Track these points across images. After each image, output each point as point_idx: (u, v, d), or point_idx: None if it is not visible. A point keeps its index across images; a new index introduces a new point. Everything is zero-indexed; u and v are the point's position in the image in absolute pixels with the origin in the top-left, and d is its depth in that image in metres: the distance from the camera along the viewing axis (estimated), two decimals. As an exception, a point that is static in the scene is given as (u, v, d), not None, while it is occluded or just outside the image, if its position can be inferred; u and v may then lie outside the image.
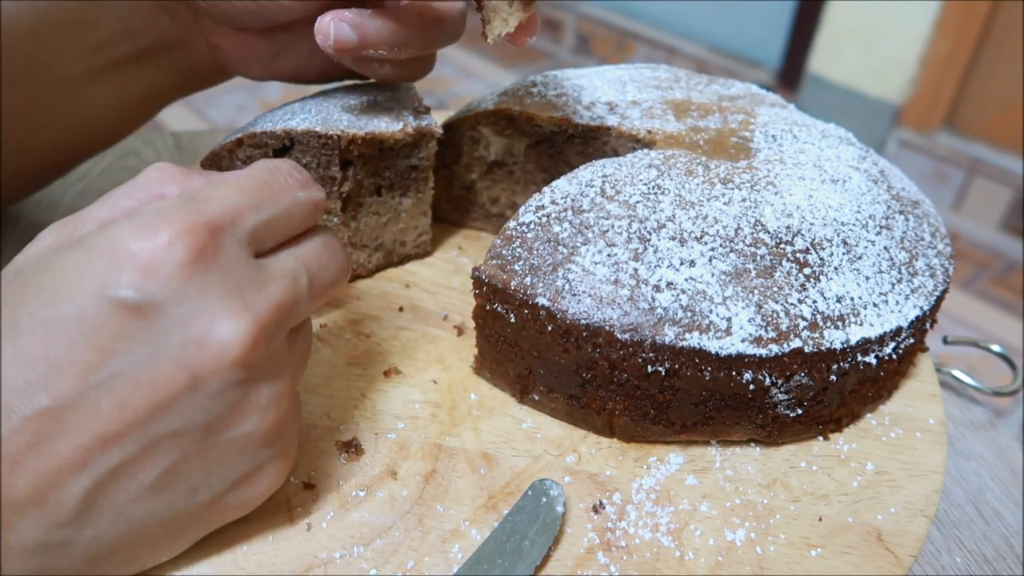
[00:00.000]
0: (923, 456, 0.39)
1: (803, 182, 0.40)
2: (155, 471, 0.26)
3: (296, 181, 0.30)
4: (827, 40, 1.95)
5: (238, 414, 0.28)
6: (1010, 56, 1.71)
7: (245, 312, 0.26)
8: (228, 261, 0.27)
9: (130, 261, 0.25)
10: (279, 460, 0.31)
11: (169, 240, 0.25)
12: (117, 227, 0.26)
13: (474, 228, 0.54)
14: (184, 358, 0.25)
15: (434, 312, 0.46)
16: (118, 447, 0.25)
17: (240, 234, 0.28)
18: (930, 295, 0.39)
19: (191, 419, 0.26)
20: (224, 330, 0.26)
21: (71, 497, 0.24)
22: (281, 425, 0.30)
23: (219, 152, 0.43)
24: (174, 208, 0.26)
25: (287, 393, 0.30)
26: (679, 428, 0.37)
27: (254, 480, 0.30)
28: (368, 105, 0.45)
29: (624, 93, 0.48)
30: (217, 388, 0.26)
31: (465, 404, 0.40)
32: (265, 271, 0.28)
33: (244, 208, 0.28)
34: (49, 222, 0.29)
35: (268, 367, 0.28)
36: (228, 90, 2.02)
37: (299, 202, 0.30)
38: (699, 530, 0.34)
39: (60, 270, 0.25)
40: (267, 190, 0.29)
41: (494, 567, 0.31)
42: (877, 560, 0.34)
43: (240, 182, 0.29)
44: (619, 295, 0.35)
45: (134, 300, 0.25)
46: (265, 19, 0.43)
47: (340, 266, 0.32)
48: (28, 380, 0.24)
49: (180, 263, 0.25)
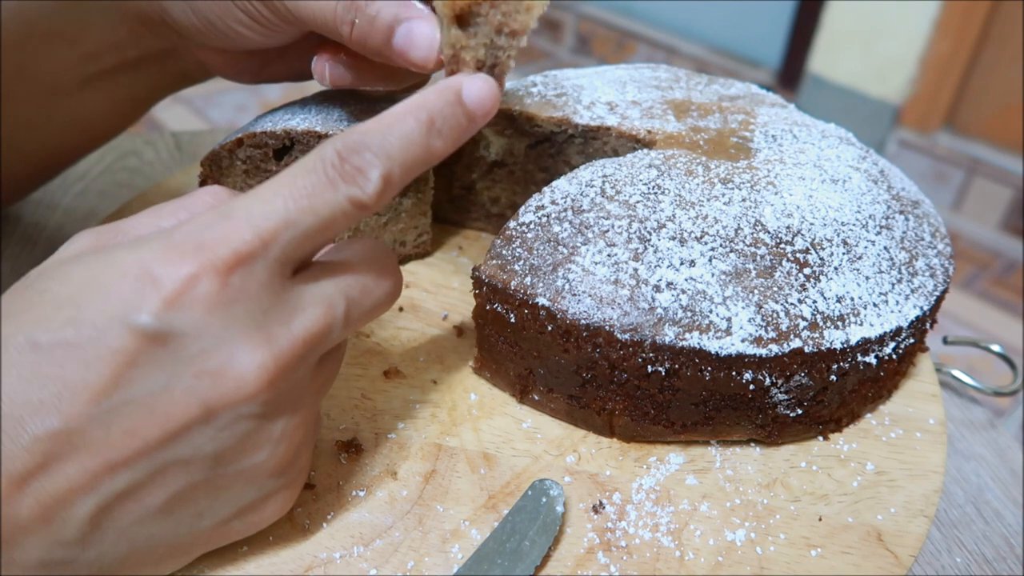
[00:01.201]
0: (923, 456, 0.39)
1: (803, 182, 0.40)
2: (161, 496, 0.26)
3: (340, 174, 0.27)
4: (827, 40, 1.95)
5: (249, 446, 0.27)
6: (1010, 56, 1.71)
7: (267, 346, 0.26)
8: (256, 289, 0.26)
9: (154, 288, 0.24)
10: (288, 490, 0.30)
11: (195, 272, 0.24)
12: (146, 246, 0.25)
13: (474, 228, 0.54)
14: (199, 390, 0.25)
15: (434, 312, 0.46)
16: (126, 472, 0.25)
17: (272, 256, 0.26)
18: (930, 295, 0.39)
19: (201, 449, 0.26)
20: (242, 365, 0.25)
21: (76, 518, 0.24)
22: (293, 457, 0.29)
23: (219, 152, 0.43)
24: (204, 230, 0.25)
25: (303, 424, 0.29)
26: (679, 428, 0.37)
27: (260, 508, 0.30)
28: (368, 105, 0.45)
29: (624, 93, 0.48)
30: (229, 421, 0.26)
31: (465, 404, 0.40)
32: (297, 297, 0.27)
33: (277, 227, 0.26)
34: (49, 222, 0.29)
35: (285, 401, 0.27)
36: (228, 90, 2.03)
37: (340, 205, 0.27)
38: (699, 530, 0.34)
39: (84, 285, 0.25)
40: (305, 199, 0.26)
41: (494, 567, 0.31)
42: (877, 560, 0.34)
43: (278, 190, 0.26)
44: (619, 295, 0.35)
45: (154, 328, 0.24)
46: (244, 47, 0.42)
47: (386, 290, 0.30)
48: (42, 399, 0.23)
49: (206, 297, 0.24)
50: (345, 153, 0.27)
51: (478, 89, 0.30)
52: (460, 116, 0.29)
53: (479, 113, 0.30)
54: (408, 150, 0.28)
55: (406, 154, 0.28)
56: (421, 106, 0.29)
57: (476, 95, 0.30)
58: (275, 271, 0.26)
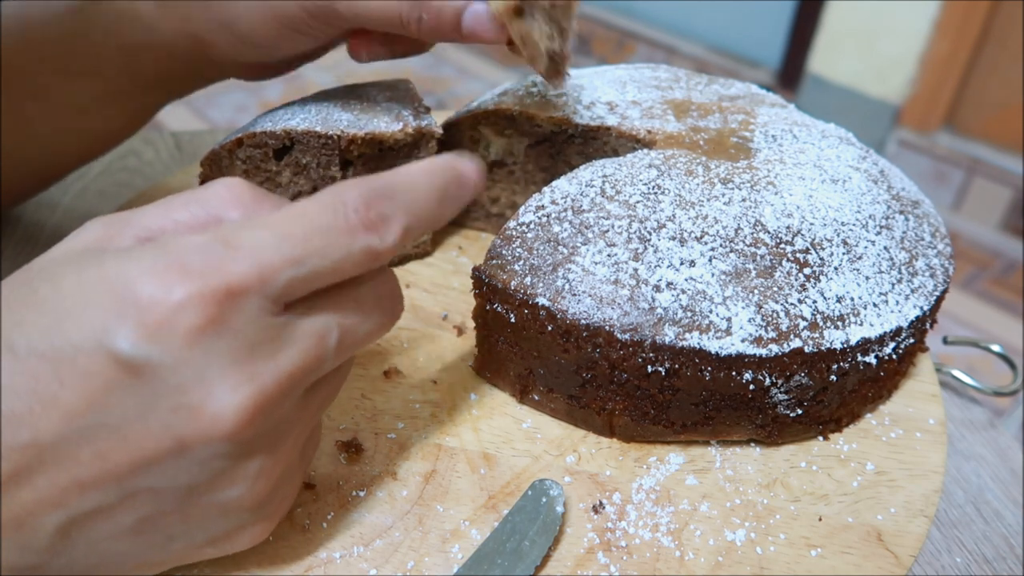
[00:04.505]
0: (923, 456, 0.39)
1: (803, 182, 0.40)
2: (132, 518, 0.25)
3: (362, 221, 0.26)
4: (827, 40, 1.94)
5: (223, 481, 0.26)
6: (1010, 56, 1.71)
7: (248, 385, 0.24)
8: (244, 324, 0.24)
9: (135, 313, 0.23)
10: (264, 522, 0.29)
11: (182, 301, 0.23)
12: (135, 262, 0.24)
13: (474, 228, 0.54)
14: (173, 424, 0.24)
15: (434, 312, 0.46)
16: (95, 493, 0.24)
17: (268, 292, 0.24)
18: (930, 295, 0.39)
19: (172, 480, 0.25)
20: (220, 404, 0.24)
21: (46, 529, 0.24)
22: (270, 493, 0.28)
23: (219, 152, 0.43)
24: (200, 255, 0.24)
25: (284, 458, 0.28)
26: (679, 428, 0.37)
27: (235, 537, 0.29)
28: (368, 105, 0.45)
29: (624, 93, 0.48)
30: (204, 457, 0.25)
31: (465, 404, 0.40)
32: (287, 330, 0.25)
33: (281, 264, 0.24)
34: (49, 223, 0.28)
35: (266, 438, 0.26)
36: (228, 90, 2.03)
37: (353, 253, 0.26)
38: (699, 530, 0.34)
39: (68, 293, 0.24)
40: (319, 239, 0.25)
41: (494, 567, 0.31)
42: (877, 560, 0.34)
43: (292, 224, 0.25)
44: (619, 295, 0.35)
45: (131, 356, 0.23)
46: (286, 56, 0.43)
47: (385, 315, 0.29)
48: (13, 410, 0.23)
49: (188, 330, 0.23)
50: (372, 200, 0.26)
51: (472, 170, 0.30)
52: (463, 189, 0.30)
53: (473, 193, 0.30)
54: (428, 208, 0.28)
55: (425, 211, 0.28)
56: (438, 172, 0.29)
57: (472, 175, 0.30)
58: (266, 307, 0.25)
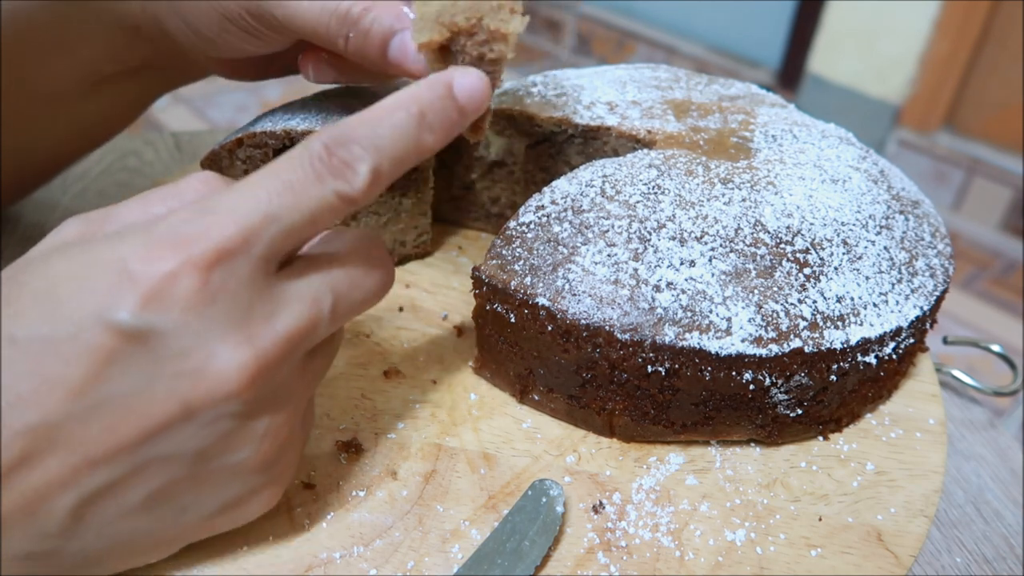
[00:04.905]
0: (923, 456, 0.39)
1: (803, 182, 0.40)
2: (143, 492, 0.26)
3: (327, 168, 0.26)
4: (827, 40, 1.95)
5: (231, 444, 0.27)
6: (1010, 56, 1.71)
7: (248, 345, 0.25)
8: (238, 286, 0.25)
9: (131, 285, 0.24)
10: (273, 486, 0.30)
11: (174, 269, 0.24)
12: (125, 241, 0.25)
13: (474, 228, 0.54)
14: (178, 389, 0.24)
15: (434, 312, 0.46)
16: (106, 469, 0.24)
17: (256, 252, 0.25)
18: (930, 295, 0.39)
19: (181, 447, 0.25)
20: (222, 364, 0.25)
21: (58, 512, 0.24)
22: (277, 454, 0.29)
23: (219, 152, 0.43)
24: (185, 225, 0.25)
25: (288, 420, 0.28)
26: (679, 428, 0.37)
27: (245, 503, 0.29)
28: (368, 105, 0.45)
29: (624, 93, 0.48)
30: (210, 419, 0.25)
31: (465, 404, 0.40)
32: (281, 293, 0.26)
33: (261, 222, 0.25)
34: (49, 222, 0.28)
35: (269, 399, 0.27)
36: (228, 90, 2.03)
37: (327, 199, 0.26)
38: (699, 530, 0.34)
39: (62, 279, 0.24)
40: (290, 193, 0.26)
41: (494, 567, 0.31)
42: (877, 560, 0.34)
43: (263, 184, 0.26)
44: (619, 295, 0.35)
45: (131, 326, 0.24)
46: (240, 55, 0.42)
47: (376, 282, 0.30)
48: (20, 394, 0.23)
49: (184, 295, 0.24)
50: (332, 146, 0.26)
51: (470, 83, 0.29)
52: (451, 110, 0.29)
53: (470, 107, 0.29)
54: (398, 143, 0.28)
55: (396, 147, 0.28)
56: (412, 99, 0.28)
57: (467, 89, 0.29)
58: (258, 267, 0.26)
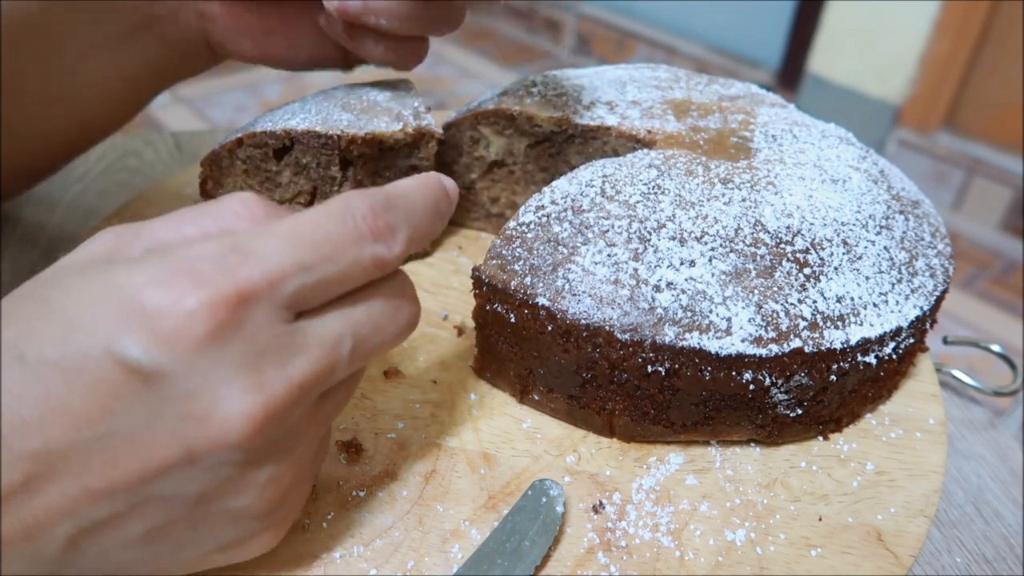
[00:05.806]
0: (923, 456, 0.39)
1: (803, 182, 0.40)
2: (141, 528, 0.25)
3: (371, 230, 0.26)
4: (827, 40, 1.95)
5: (233, 489, 0.26)
6: (1010, 56, 1.71)
7: (257, 392, 0.24)
8: (255, 330, 0.24)
9: (144, 321, 0.23)
10: (274, 529, 0.29)
11: (192, 309, 0.23)
12: (143, 269, 0.24)
13: (474, 228, 0.54)
14: (182, 432, 0.24)
15: (434, 312, 0.46)
16: (106, 502, 0.24)
17: (279, 299, 0.25)
18: (930, 295, 0.39)
19: (182, 489, 0.25)
20: (228, 411, 0.24)
21: (57, 539, 0.24)
22: (280, 500, 0.28)
23: (219, 152, 0.43)
24: (209, 261, 0.24)
25: (294, 466, 0.28)
26: (679, 428, 0.37)
27: (244, 545, 0.29)
28: (368, 105, 0.45)
29: (624, 93, 0.48)
30: (212, 464, 0.25)
31: (465, 404, 0.40)
32: (298, 337, 0.25)
33: (291, 270, 0.25)
34: (49, 222, 0.28)
35: (274, 447, 0.26)
36: (228, 90, 2.03)
37: (362, 261, 0.26)
38: (699, 530, 0.34)
39: (77, 302, 0.24)
40: (328, 246, 0.25)
41: (494, 567, 0.31)
42: (877, 560, 0.34)
43: (301, 231, 0.25)
44: (619, 295, 0.35)
45: (139, 364, 0.23)
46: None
47: (401, 325, 0.29)
48: (24, 418, 0.23)
49: (197, 336, 0.23)
50: (379, 209, 0.27)
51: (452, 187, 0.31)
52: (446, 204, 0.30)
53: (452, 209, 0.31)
54: (425, 220, 0.29)
55: (423, 224, 0.28)
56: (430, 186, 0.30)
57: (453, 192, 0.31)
58: (277, 313, 0.25)
